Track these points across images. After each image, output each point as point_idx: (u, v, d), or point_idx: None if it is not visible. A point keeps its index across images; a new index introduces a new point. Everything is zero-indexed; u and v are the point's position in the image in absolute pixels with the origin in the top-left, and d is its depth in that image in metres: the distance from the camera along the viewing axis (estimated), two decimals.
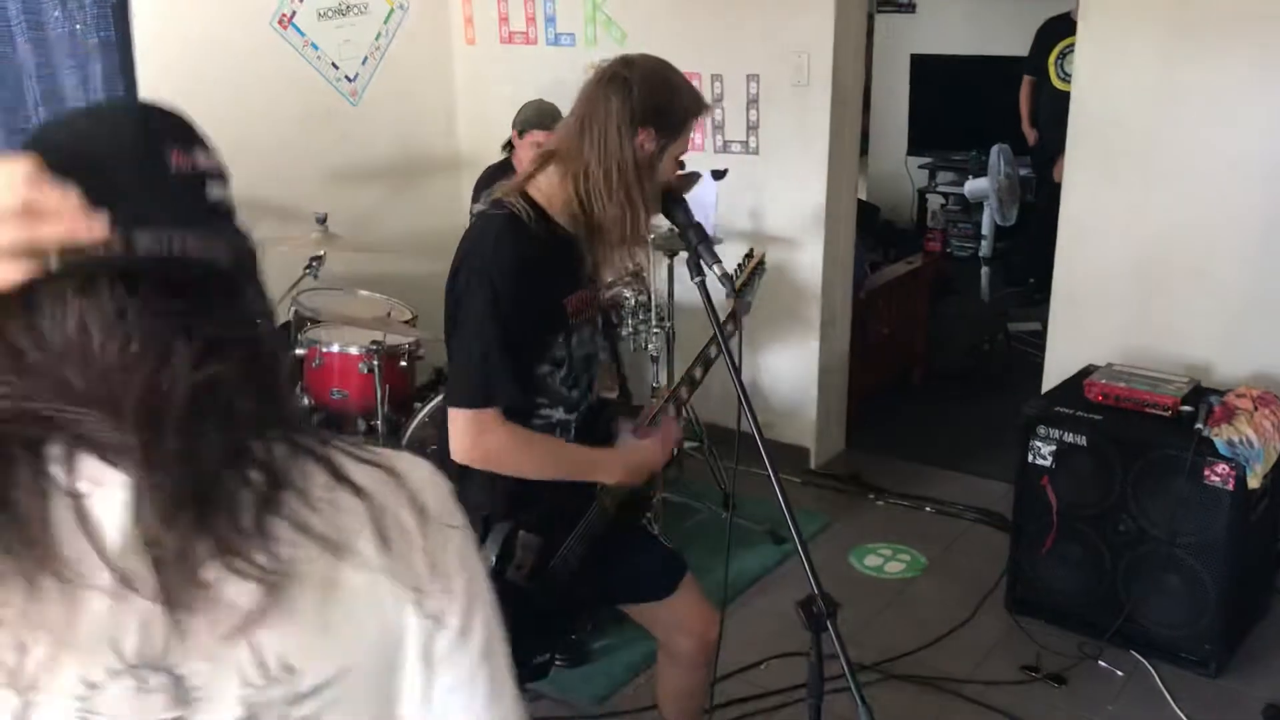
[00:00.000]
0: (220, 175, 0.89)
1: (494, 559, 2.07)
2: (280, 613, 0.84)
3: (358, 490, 0.89)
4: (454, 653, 0.95)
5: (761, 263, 2.55)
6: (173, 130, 0.87)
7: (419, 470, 0.97)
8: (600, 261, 2.14)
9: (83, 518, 0.80)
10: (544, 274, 2.06)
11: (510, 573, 2.09)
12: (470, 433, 2.04)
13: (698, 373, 2.37)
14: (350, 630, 0.88)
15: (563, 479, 2.15)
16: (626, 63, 2.12)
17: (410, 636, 0.92)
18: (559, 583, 2.18)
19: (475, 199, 4.19)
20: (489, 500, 2.11)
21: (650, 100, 2.08)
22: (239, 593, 0.82)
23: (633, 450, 2.22)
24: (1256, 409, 3.17)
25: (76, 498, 0.80)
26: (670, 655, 2.47)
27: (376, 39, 4.93)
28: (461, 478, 2.15)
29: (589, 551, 2.22)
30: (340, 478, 0.89)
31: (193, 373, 0.81)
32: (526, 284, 2.02)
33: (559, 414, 2.17)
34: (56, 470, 0.81)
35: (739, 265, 2.46)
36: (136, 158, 0.83)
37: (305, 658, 0.85)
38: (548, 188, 2.10)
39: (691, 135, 2.19)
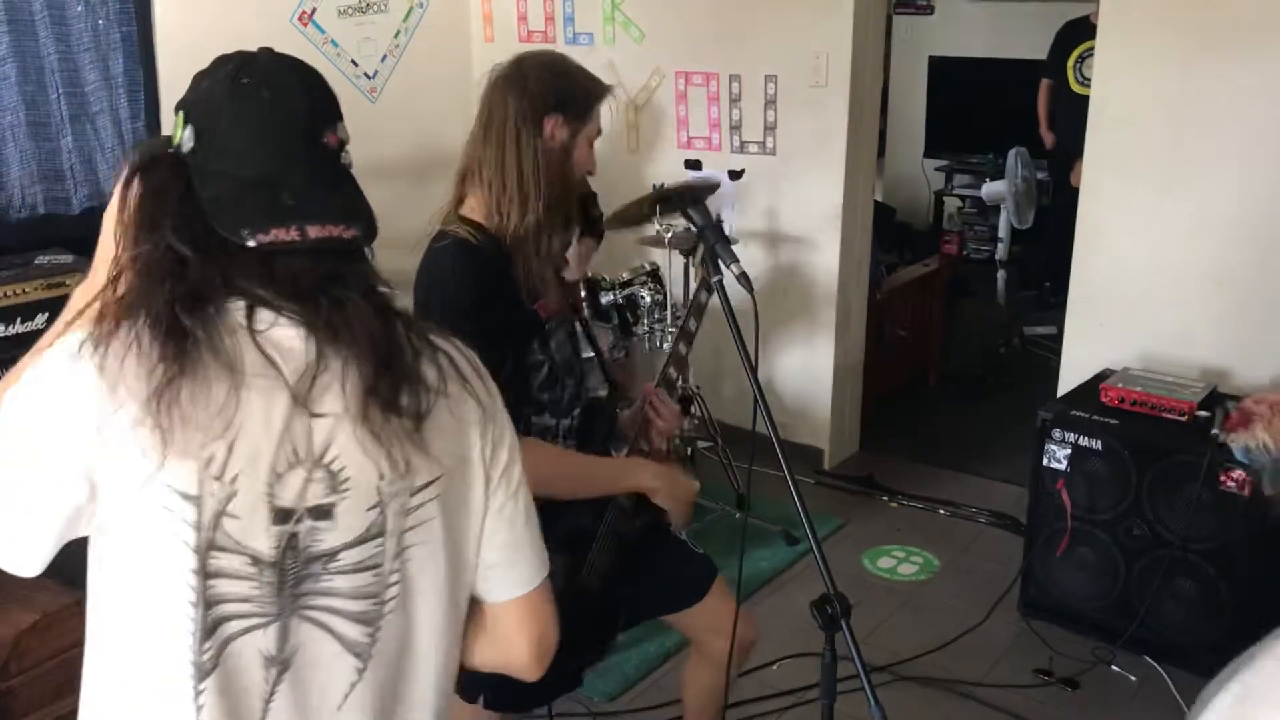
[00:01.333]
0: (346, 140, 1.25)
1: None
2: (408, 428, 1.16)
3: (445, 353, 1.25)
4: (503, 476, 1.27)
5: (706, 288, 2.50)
6: (325, 108, 1.25)
7: (460, 347, 1.30)
8: (528, 272, 2.06)
9: (265, 348, 1.11)
10: (506, 289, 2.05)
11: None
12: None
13: (692, 324, 2.32)
14: (443, 444, 1.20)
15: (599, 491, 2.13)
16: (518, 61, 2.11)
17: (475, 454, 1.24)
18: (591, 590, 2.16)
19: None
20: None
21: (549, 87, 2.07)
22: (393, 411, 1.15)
23: (672, 472, 2.20)
24: (1274, 415, 3.16)
25: (257, 333, 1.11)
26: (703, 655, 2.46)
27: (396, 37, 4.95)
28: None
29: (618, 551, 2.20)
30: (434, 346, 1.24)
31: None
32: (492, 308, 2.00)
33: (547, 419, 2.15)
34: (240, 317, 1.12)
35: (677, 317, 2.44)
36: (304, 147, 1.20)
37: (420, 461, 1.17)
38: (477, 205, 2.08)
39: (601, 119, 2.16)
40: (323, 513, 1.12)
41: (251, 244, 1.11)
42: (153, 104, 4.15)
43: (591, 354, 2.32)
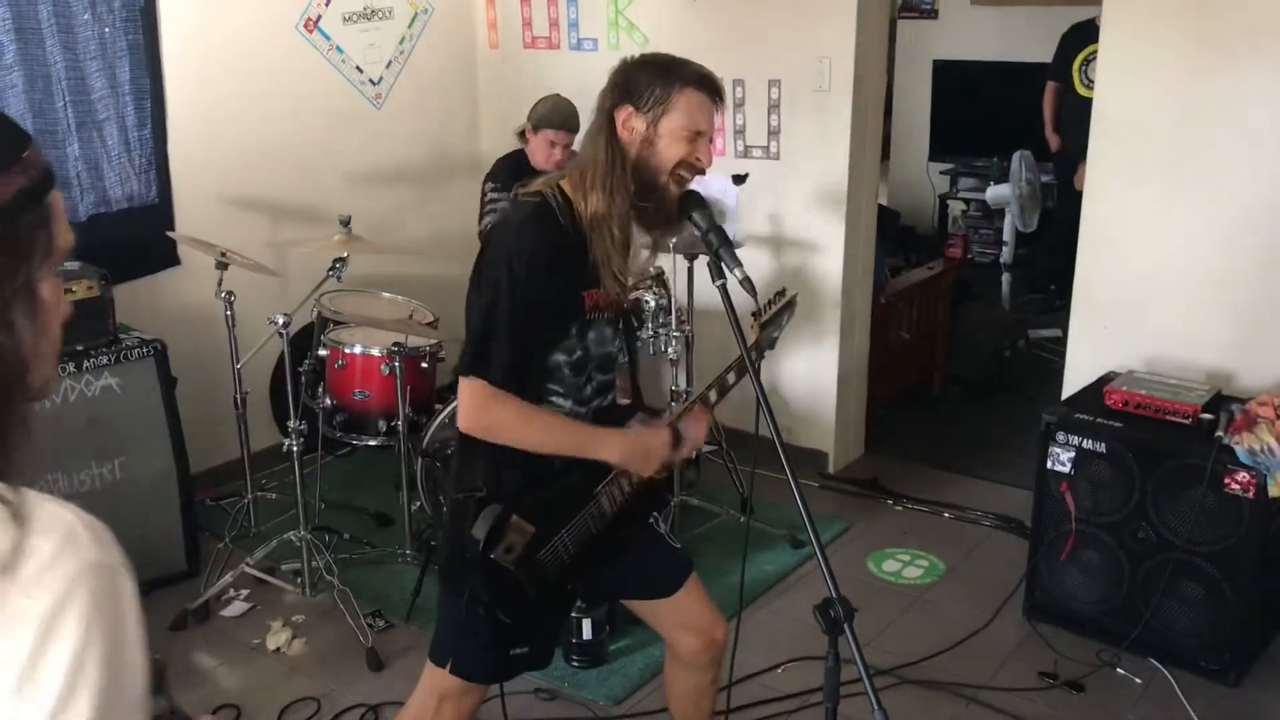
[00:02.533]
0: None
1: (483, 538, 2.08)
2: None
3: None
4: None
5: (792, 304, 2.50)
6: None
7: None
8: (600, 260, 2.11)
9: None
10: (563, 263, 2.08)
11: (498, 554, 2.10)
12: (476, 402, 2.07)
13: (731, 378, 2.33)
14: None
15: (562, 453, 2.15)
16: (618, 63, 2.17)
17: None
18: (546, 576, 2.18)
19: (490, 180, 4.21)
20: (491, 484, 2.13)
21: (621, 79, 2.11)
22: None
23: (639, 433, 2.21)
24: (1278, 417, 3.16)
25: None
26: (675, 655, 2.48)
27: (401, 43, 4.97)
28: (467, 455, 2.19)
29: (581, 550, 2.21)
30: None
31: None
32: (543, 271, 2.05)
33: (568, 405, 2.17)
34: None
35: (769, 301, 2.44)
36: None
37: None
38: (571, 186, 2.14)
39: (703, 116, 2.11)
40: None
41: None
42: (159, 112, 4.18)
43: (626, 359, 2.34)
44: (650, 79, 2.09)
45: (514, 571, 2.13)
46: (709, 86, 2.13)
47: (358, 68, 4.80)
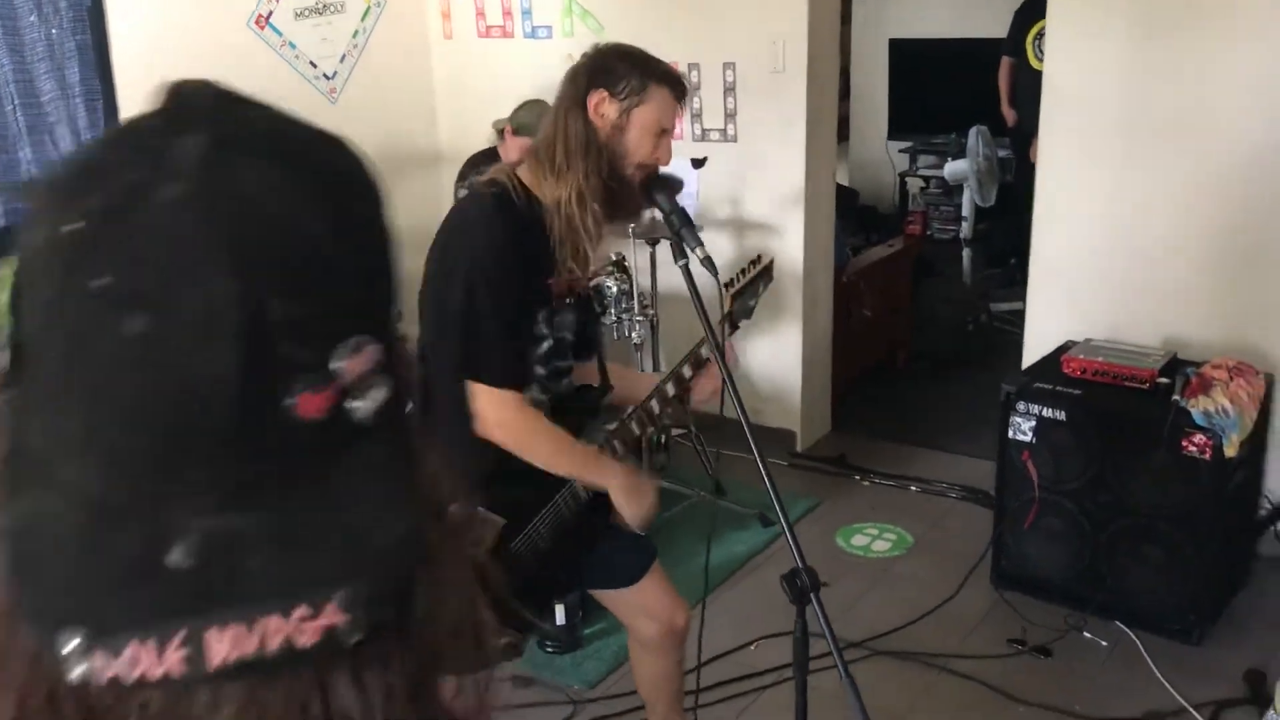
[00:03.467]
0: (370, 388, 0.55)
1: None
2: None
3: None
4: None
5: (768, 271, 2.50)
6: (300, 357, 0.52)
7: None
8: (563, 244, 2.12)
9: None
10: (527, 251, 2.09)
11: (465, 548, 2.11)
12: (498, 410, 2.08)
13: (686, 371, 2.33)
14: None
15: (564, 473, 2.16)
16: (591, 47, 2.18)
17: None
18: (523, 566, 2.19)
19: (461, 180, 4.21)
20: (476, 471, 2.12)
21: (597, 64, 2.13)
22: None
23: (637, 473, 2.24)
24: (1232, 379, 3.22)
25: None
26: (637, 640, 2.51)
27: (354, 37, 4.94)
28: (460, 448, 2.16)
29: (557, 538, 2.23)
30: None
31: None
32: (515, 265, 2.06)
33: (533, 393, 2.19)
34: None
35: (742, 270, 2.45)
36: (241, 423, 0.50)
37: None
38: (528, 175, 2.14)
39: (670, 115, 2.15)
40: None
41: None
42: (111, 113, 4.14)
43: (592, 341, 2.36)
44: (628, 69, 2.11)
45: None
46: (680, 89, 2.18)
47: (311, 63, 4.77)
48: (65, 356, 0.49)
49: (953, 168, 6.49)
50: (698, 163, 4.48)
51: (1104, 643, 3.32)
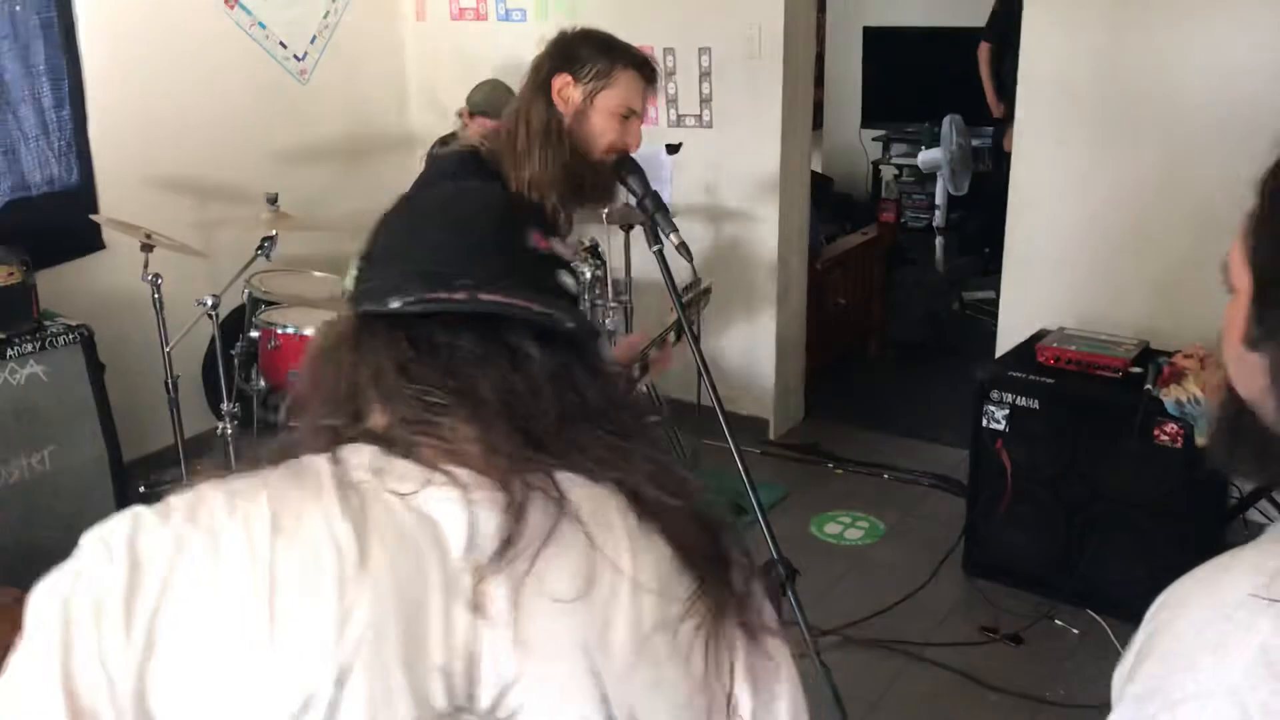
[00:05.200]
0: (571, 270, 0.98)
1: None
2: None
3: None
4: None
5: (707, 292, 2.52)
6: (538, 218, 1.00)
7: None
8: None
9: (421, 518, 0.84)
10: None
11: None
12: None
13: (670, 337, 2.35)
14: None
15: None
16: (558, 31, 2.17)
17: None
18: None
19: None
20: None
21: (562, 46, 2.11)
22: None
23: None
24: (1204, 368, 3.23)
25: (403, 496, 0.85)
26: None
27: (325, 17, 4.88)
28: None
29: None
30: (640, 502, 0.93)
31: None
32: None
33: None
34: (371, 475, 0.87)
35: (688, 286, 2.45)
36: (500, 228, 0.96)
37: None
38: (499, 152, 2.12)
39: (637, 97, 2.13)
40: None
41: None
42: (77, 93, 4.06)
43: None
44: (593, 52, 2.09)
45: None
46: (648, 72, 2.15)
47: (281, 43, 4.71)
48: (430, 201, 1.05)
49: (926, 156, 6.50)
50: (672, 148, 4.46)
51: (1075, 630, 3.33)
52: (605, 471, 0.91)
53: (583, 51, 2.10)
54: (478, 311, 0.88)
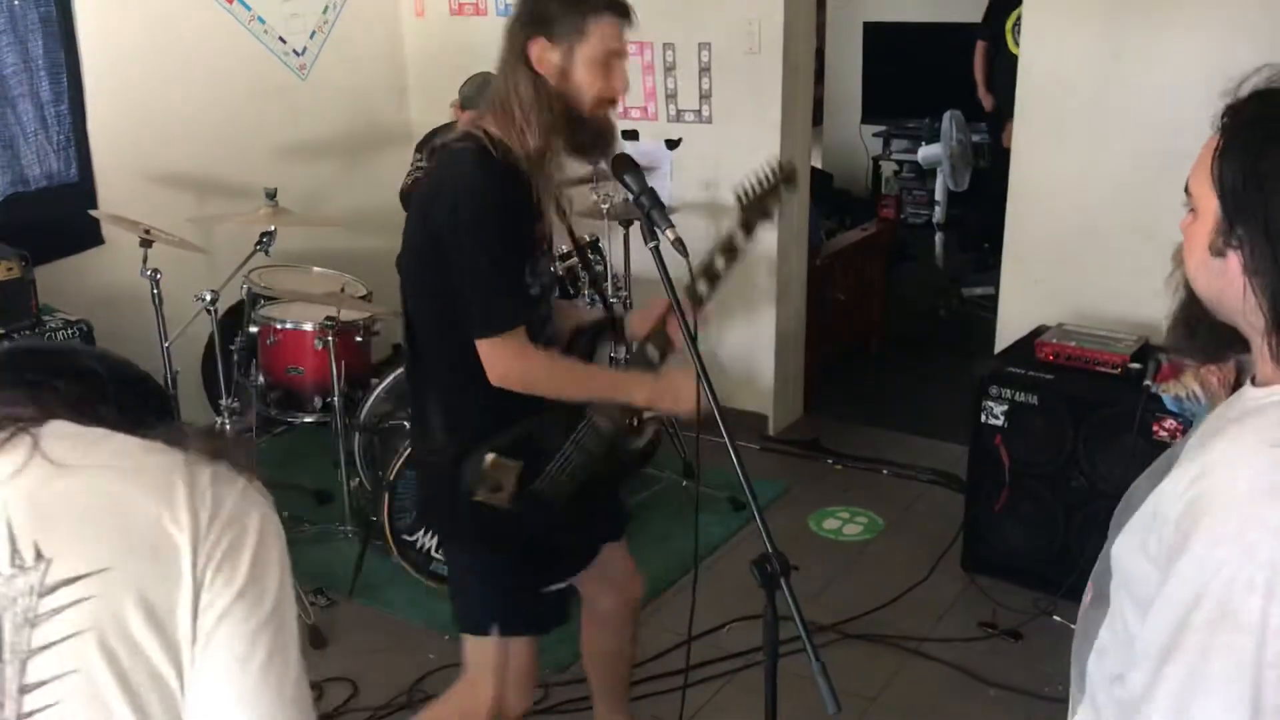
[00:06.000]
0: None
1: (466, 483, 2.09)
2: None
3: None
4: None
5: (792, 177, 2.41)
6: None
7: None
8: (543, 194, 2.10)
9: None
10: (512, 200, 2.06)
11: (484, 495, 2.10)
12: (508, 355, 2.04)
13: (720, 263, 2.30)
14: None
15: (593, 398, 2.14)
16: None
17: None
18: (553, 503, 2.17)
19: (419, 150, 4.18)
20: (452, 438, 2.13)
21: (529, 15, 2.06)
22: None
23: (669, 375, 2.19)
24: (1202, 365, 3.23)
25: None
26: (594, 615, 2.50)
27: (324, 12, 4.87)
28: (422, 417, 2.20)
29: (586, 471, 2.19)
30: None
31: None
32: (507, 210, 2.04)
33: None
34: None
35: (760, 179, 2.36)
36: None
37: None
38: (496, 130, 2.09)
39: (616, 39, 2.08)
40: None
41: None
42: (76, 87, 4.06)
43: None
44: (562, 8, 2.04)
45: (510, 507, 2.13)
46: (621, 9, 2.09)
47: (280, 38, 4.70)
48: None
49: (926, 152, 6.50)
50: (672, 144, 4.46)
51: (1073, 626, 3.32)
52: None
53: (552, 9, 2.04)
54: None
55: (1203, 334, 1.20)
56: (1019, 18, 6.06)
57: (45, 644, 0.82)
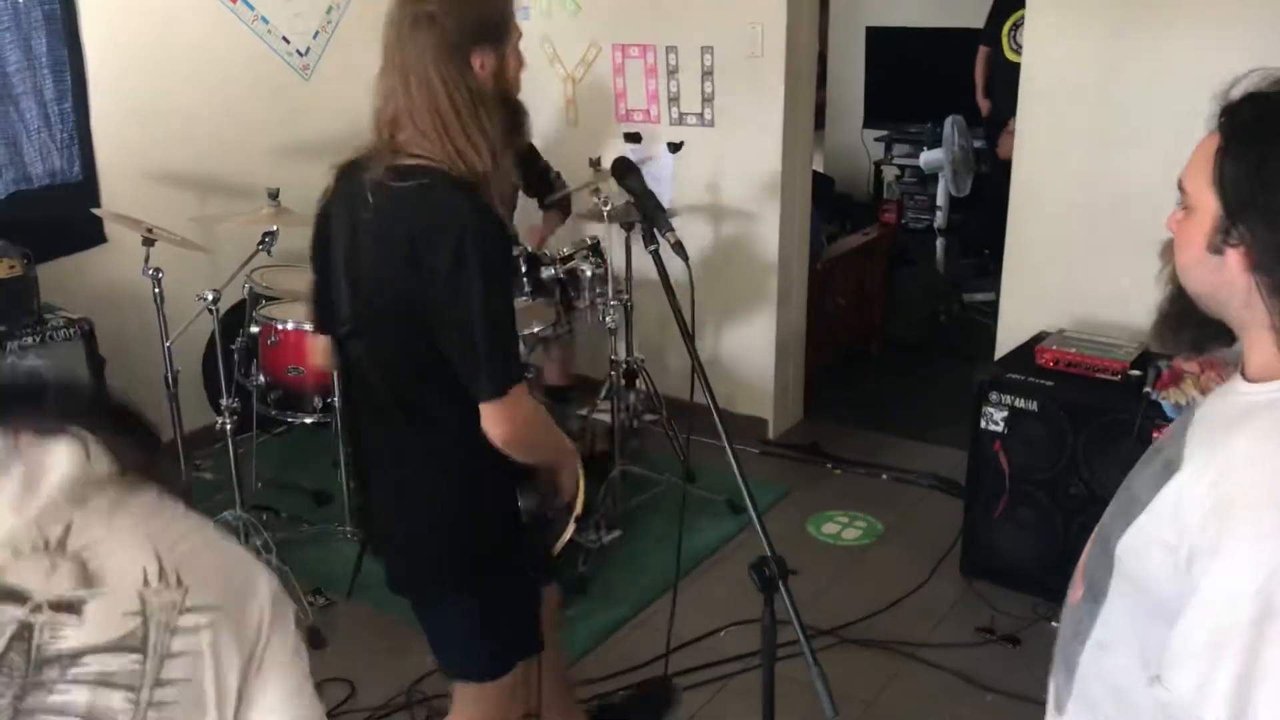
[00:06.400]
0: None
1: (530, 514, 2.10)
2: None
3: None
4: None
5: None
6: None
7: None
8: (499, 204, 1.95)
9: None
10: (508, 241, 2.04)
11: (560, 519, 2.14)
12: (511, 414, 1.91)
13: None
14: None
15: (549, 463, 2.09)
16: None
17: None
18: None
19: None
20: (488, 472, 2.04)
21: (464, 21, 1.90)
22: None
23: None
24: (1203, 372, 3.23)
25: None
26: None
27: (328, 13, 4.88)
28: (464, 460, 2.04)
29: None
30: None
31: None
32: (507, 246, 2.00)
33: None
34: None
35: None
36: None
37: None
38: (423, 148, 1.93)
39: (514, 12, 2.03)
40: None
41: None
42: (79, 85, 4.06)
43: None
44: (496, 9, 1.97)
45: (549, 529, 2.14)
46: None
47: (284, 38, 4.71)
48: None
49: (928, 157, 6.49)
50: (674, 147, 4.47)
51: None
52: None
53: (493, 12, 1.96)
54: None
55: (1190, 327, 1.26)
56: (1015, 23, 6.10)
57: (179, 651, 0.92)
